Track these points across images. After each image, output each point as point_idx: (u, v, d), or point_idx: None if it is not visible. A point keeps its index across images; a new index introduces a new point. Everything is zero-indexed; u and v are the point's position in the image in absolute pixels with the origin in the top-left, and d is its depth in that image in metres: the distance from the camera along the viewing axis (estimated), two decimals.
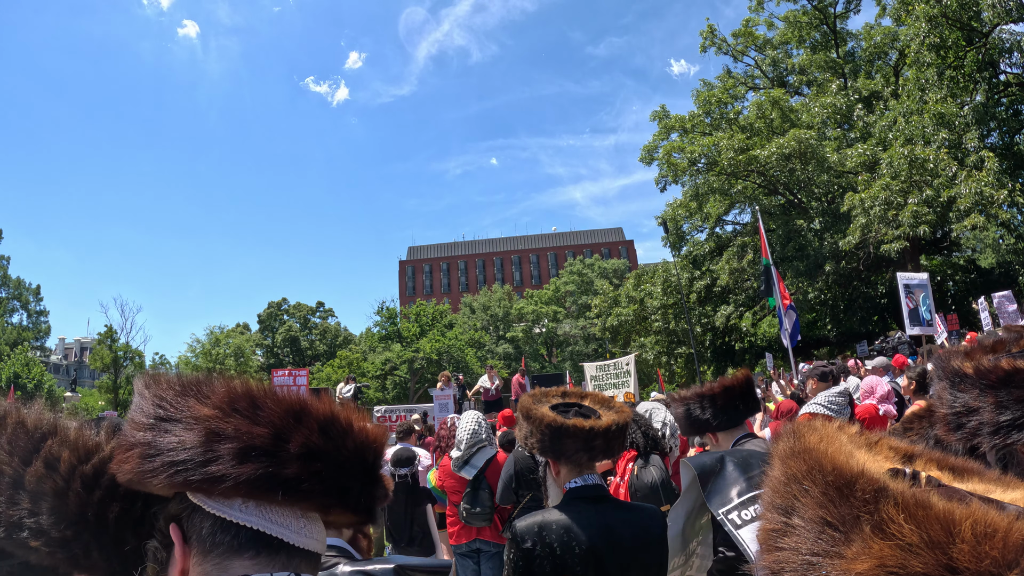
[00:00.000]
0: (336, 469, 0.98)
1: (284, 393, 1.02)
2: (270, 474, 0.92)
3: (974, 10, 21.72)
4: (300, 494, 0.94)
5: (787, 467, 0.76)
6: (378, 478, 1.06)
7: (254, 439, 0.93)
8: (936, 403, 1.36)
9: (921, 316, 13.56)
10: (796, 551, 0.68)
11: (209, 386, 0.99)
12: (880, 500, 0.64)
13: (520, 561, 2.25)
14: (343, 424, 1.02)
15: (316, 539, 1.01)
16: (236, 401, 0.97)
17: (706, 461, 2.68)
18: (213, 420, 0.94)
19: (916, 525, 0.61)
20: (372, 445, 1.05)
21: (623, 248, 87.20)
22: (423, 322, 49.98)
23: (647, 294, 33.43)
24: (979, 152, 21.28)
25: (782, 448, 0.80)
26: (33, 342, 55.11)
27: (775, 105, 28.42)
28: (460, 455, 5.39)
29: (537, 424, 2.39)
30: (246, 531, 0.94)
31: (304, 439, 0.96)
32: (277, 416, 0.96)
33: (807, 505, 0.70)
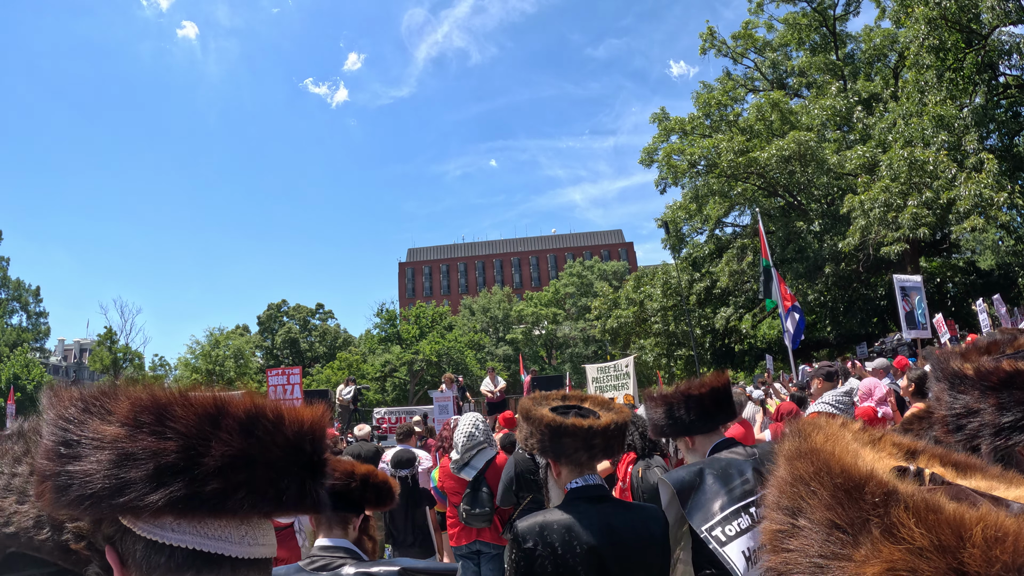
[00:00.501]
0: (267, 472, 0.89)
1: (198, 396, 0.92)
2: (189, 495, 0.84)
3: (973, 12, 21.73)
4: (228, 509, 0.86)
5: (794, 468, 0.75)
6: (321, 468, 0.97)
7: (165, 457, 0.85)
8: (935, 404, 1.35)
9: (917, 319, 13.60)
10: (803, 553, 0.68)
11: (113, 400, 0.89)
12: (890, 503, 0.64)
13: (522, 562, 2.25)
14: (270, 418, 0.93)
15: (263, 544, 0.94)
16: (141, 415, 0.87)
17: (684, 476, 2.60)
18: (119, 441, 0.85)
19: (927, 529, 0.61)
20: (308, 434, 0.96)
21: (623, 250, 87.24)
22: (423, 324, 49.98)
23: (647, 296, 33.44)
24: (978, 154, 21.29)
25: (788, 448, 0.79)
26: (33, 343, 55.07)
27: (775, 107, 28.45)
28: (458, 458, 5.39)
29: (536, 424, 2.41)
30: (181, 551, 0.88)
31: (224, 447, 0.87)
32: (189, 425, 0.87)
33: (815, 507, 0.69)
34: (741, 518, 2.45)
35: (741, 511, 2.46)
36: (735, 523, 2.43)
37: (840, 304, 27.39)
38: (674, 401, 2.84)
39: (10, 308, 54.50)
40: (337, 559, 2.13)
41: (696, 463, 2.66)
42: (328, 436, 1.06)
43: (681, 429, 2.86)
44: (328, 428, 1.04)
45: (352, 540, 2.25)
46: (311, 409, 0.99)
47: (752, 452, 2.66)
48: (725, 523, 2.42)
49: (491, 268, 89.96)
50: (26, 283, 56.59)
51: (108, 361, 41.71)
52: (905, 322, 13.70)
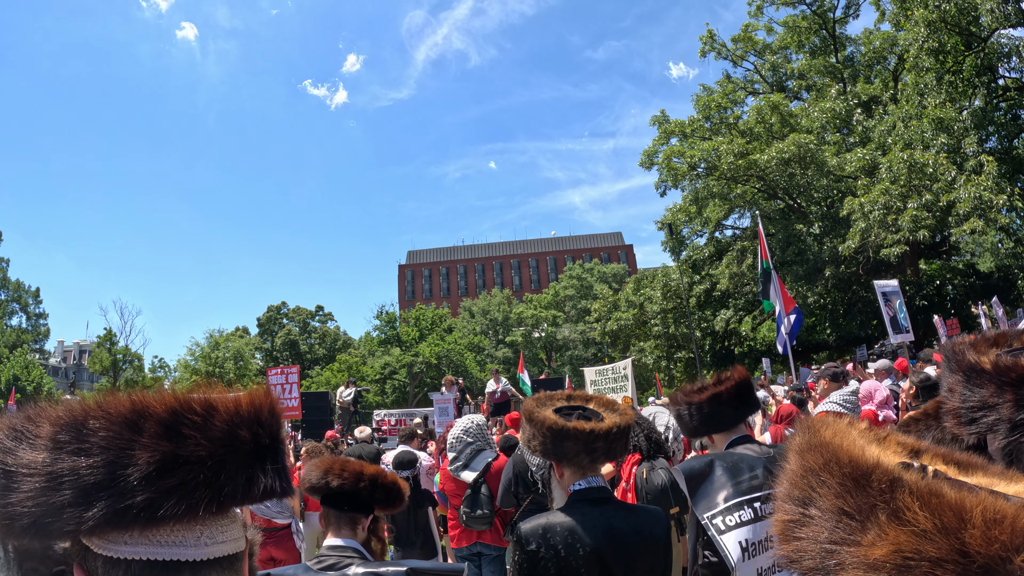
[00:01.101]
0: (200, 470, 0.84)
1: (115, 403, 0.87)
2: (118, 511, 0.80)
3: (973, 15, 21.78)
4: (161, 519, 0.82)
5: (804, 460, 0.79)
6: (268, 452, 0.91)
7: (88, 474, 0.81)
8: (947, 396, 1.35)
9: (900, 323, 13.70)
10: (814, 540, 0.72)
11: (36, 424, 0.86)
12: (895, 489, 0.68)
13: (524, 563, 2.26)
14: (198, 411, 0.88)
15: (223, 541, 0.90)
16: (60, 434, 0.84)
17: (695, 465, 2.66)
18: (45, 466, 0.82)
19: (930, 512, 0.64)
20: (247, 420, 0.90)
21: (622, 253, 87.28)
22: (422, 326, 49.99)
23: (647, 298, 33.46)
24: (978, 156, 21.33)
25: (798, 442, 0.82)
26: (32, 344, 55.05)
27: (775, 110, 28.48)
28: (453, 458, 5.42)
29: (539, 427, 2.42)
30: (137, 563, 0.84)
31: (148, 454, 0.83)
32: (110, 436, 0.83)
33: (824, 496, 0.73)
34: (744, 511, 2.51)
35: (745, 504, 2.53)
36: (736, 514, 2.48)
37: (840, 307, 27.41)
38: (694, 401, 2.86)
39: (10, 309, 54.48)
40: (345, 559, 2.14)
41: (709, 455, 2.72)
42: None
43: (703, 428, 2.90)
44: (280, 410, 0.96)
45: (361, 541, 2.26)
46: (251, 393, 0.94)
47: (767, 451, 2.73)
48: (727, 513, 2.48)
49: (491, 270, 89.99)
50: (26, 284, 56.59)
51: (108, 363, 41.71)
52: (890, 327, 13.82)
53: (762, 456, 2.66)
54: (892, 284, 14.39)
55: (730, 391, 2.82)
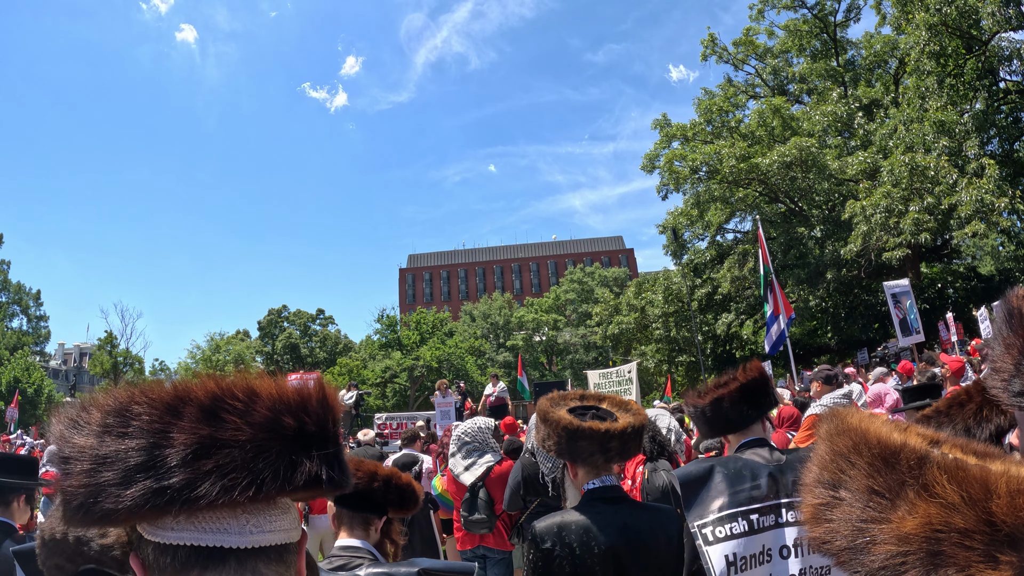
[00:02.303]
0: (240, 456, 0.86)
1: (158, 388, 0.91)
2: (156, 491, 0.82)
3: (973, 18, 21.82)
4: (197, 501, 0.83)
5: (833, 444, 0.81)
6: (312, 442, 0.91)
7: (130, 456, 0.84)
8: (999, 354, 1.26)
9: (911, 324, 13.62)
10: (845, 520, 0.74)
11: (87, 411, 0.89)
12: (924, 466, 0.71)
13: (539, 562, 2.25)
14: (241, 397, 0.89)
15: (270, 530, 0.90)
16: (107, 419, 0.87)
17: (692, 471, 2.56)
18: (92, 450, 0.86)
19: (957, 485, 0.67)
20: (290, 407, 0.91)
21: (623, 256, 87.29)
22: (423, 330, 50.00)
23: (648, 302, 33.46)
24: (979, 159, 21.34)
25: (826, 429, 0.85)
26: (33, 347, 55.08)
27: (776, 113, 28.51)
28: (455, 461, 5.41)
29: (554, 427, 2.42)
30: (183, 549, 0.86)
31: (186, 436, 0.85)
32: (150, 419, 0.86)
33: (854, 477, 0.76)
34: (737, 523, 2.42)
35: (740, 516, 2.43)
36: (728, 526, 2.40)
37: (841, 310, 27.41)
38: (704, 401, 2.76)
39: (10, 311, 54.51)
40: (356, 559, 2.13)
41: (711, 460, 2.62)
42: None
43: (714, 429, 2.80)
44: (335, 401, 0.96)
45: (373, 542, 2.25)
46: (299, 387, 0.95)
47: (778, 457, 2.59)
48: (719, 524, 2.41)
49: (491, 274, 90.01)
50: (27, 286, 56.66)
51: (108, 365, 41.70)
52: (900, 329, 13.75)
53: (770, 464, 2.54)
54: (903, 284, 14.28)
55: (737, 390, 2.70)
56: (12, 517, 3.17)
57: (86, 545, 1.55)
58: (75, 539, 1.55)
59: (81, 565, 1.42)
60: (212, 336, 55.93)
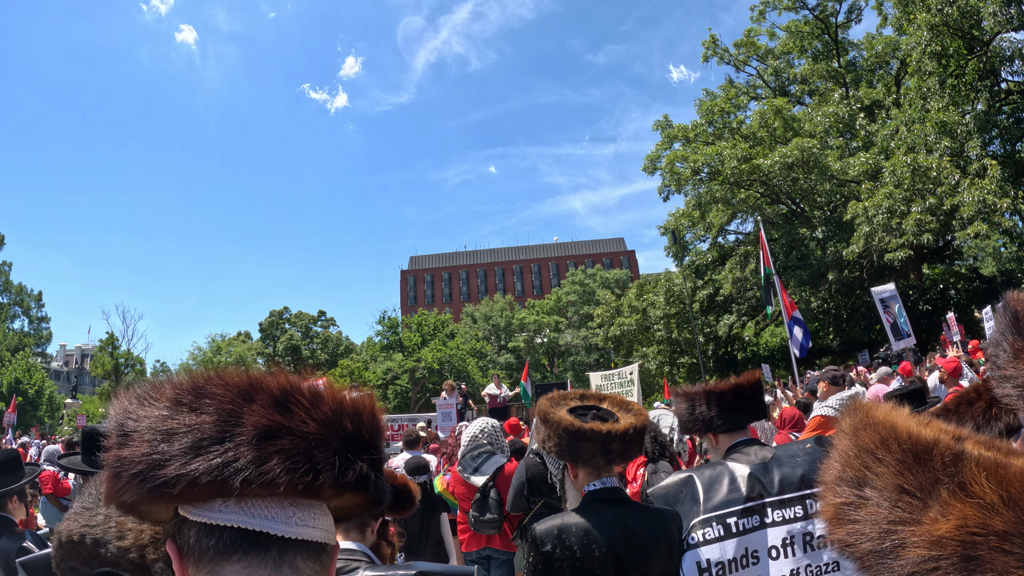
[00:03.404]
0: (301, 444, 0.91)
1: (233, 373, 0.97)
2: (225, 462, 0.86)
3: (975, 19, 21.80)
4: (263, 476, 0.87)
5: (858, 439, 0.76)
6: (363, 448, 0.98)
7: (203, 429, 0.89)
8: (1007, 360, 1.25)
9: (901, 328, 13.57)
10: (871, 521, 0.69)
11: (159, 388, 0.95)
12: (960, 463, 0.66)
13: (540, 564, 2.23)
14: (306, 394, 0.96)
15: (313, 526, 0.94)
16: (182, 395, 0.93)
17: (668, 487, 2.56)
18: (164, 421, 0.90)
19: (996, 484, 0.62)
20: (350, 412, 0.98)
21: (624, 258, 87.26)
22: (425, 332, 49.97)
23: (650, 304, 33.43)
24: (981, 160, 21.31)
25: (849, 423, 0.80)
26: (34, 348, 55.14)
27: (777, 114, 28.49)
28: (464, 462, 5.37)
29: (555, 428, 2.39)
30: (229, 531, 0.89)
31: (257, 418, 0.91)
32: (224, 400, 0.92)
33: (882, 475, 0.71)
34: (710, 528, 2.41)
35: (713, 521, 2.42)
36: (700, 532, 2.39)
37: (843, 311, 27.37)
38: (696, 397, 2.79)
39: (12, 313, 54.57)
40: (352, 562, 2.10)
41: (686, 472, 2.62)
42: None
43: (703, 426, 2.80)
44: (381, 417, 1.05)
45: (370, 545, 2.22)
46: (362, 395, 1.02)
47: (763, 456, 2.60)
48: (691, 532, 2.39)
49: (493, 276, 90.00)
50: (28, 288, 56.73)
51: (110, 367, 41.71)
52: (892, 333, 13.69)
53: (753, 463, 2.54)
54: (889, 289, 14.24)
55: (750, 389, 2.73)
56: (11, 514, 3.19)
57: (103, 547, 1.54)
58: (92, 541, 1.54)
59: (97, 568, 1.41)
60: (213, 337, 56.01)
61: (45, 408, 47.76)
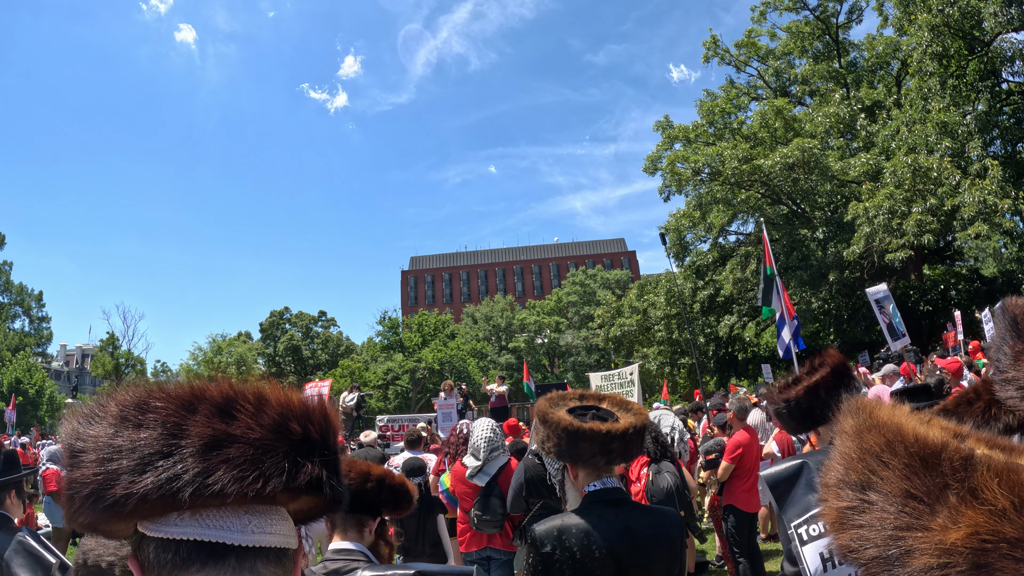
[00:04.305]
0: (247, 450, 0.90)
1: (176, 384, 0.96)
2: (171, 477, 0.86)
3: (976, 19, 21.78)
4: (211, 488, 0.87)
5: (862, 441, 0.74)
6: (315, 449, 0.96)
7: (148, 445, 0.88)
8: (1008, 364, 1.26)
9: (897, 329, 13.57)
10: (876, 527, 0.67)
11: (104, 405, 0.94)
12: (970, 467, 0.64)
13: (539, 566, 2.21)
14: (251, 400, 0.94)
15: (270, 532, 0.94)
16: (126, 411, 0.91)
17: (781, 471, 2.46)
18: (109, 439, 0.89)
19: (1009, 489, 0.60)
20: (297, 414, 0.96)
21: (625, 259, 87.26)
22: (425, 332, 49.97)
23: (650, 304, 33.41)
24: (982, 160, 21.29)
25: (852, 425, 0.78)
26: (35, 348, 55.16)
27: (778, 115, 28.47)
28: (478, 463, 5.31)
29: (553, 428, 2.36)
30: (185, 544, 0.89)
31: (200, 428, 0.90)
32: (167, 413, 0.91)
33: (888, 479, 0.69)
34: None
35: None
36: (821, 523, 2.25)
37: (844, 312, 27.35)
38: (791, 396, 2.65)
39: (12, 312, 54.59)
40: (351, 563, 2.09)
41: (799, 457, 2.53)
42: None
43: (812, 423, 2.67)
44: (334, 416, 1.03)
45: (368, 545, 2.21)
46: (310, 399, 1.01)
47: None
48: (812, 522, 2.31)
49: (493, 276, 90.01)
50: (29, 288, 56.76)
51: (110, 367, 41.72)
52: (888, 334, 13.68)
53: None
54: (882, 290, 14.25)
55: (827, 379, 2.60)
56: (9, 511, 3.18)
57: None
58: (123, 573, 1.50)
59: None
60: (214, 338, 55.98)
61: (46, 408, 47.78)
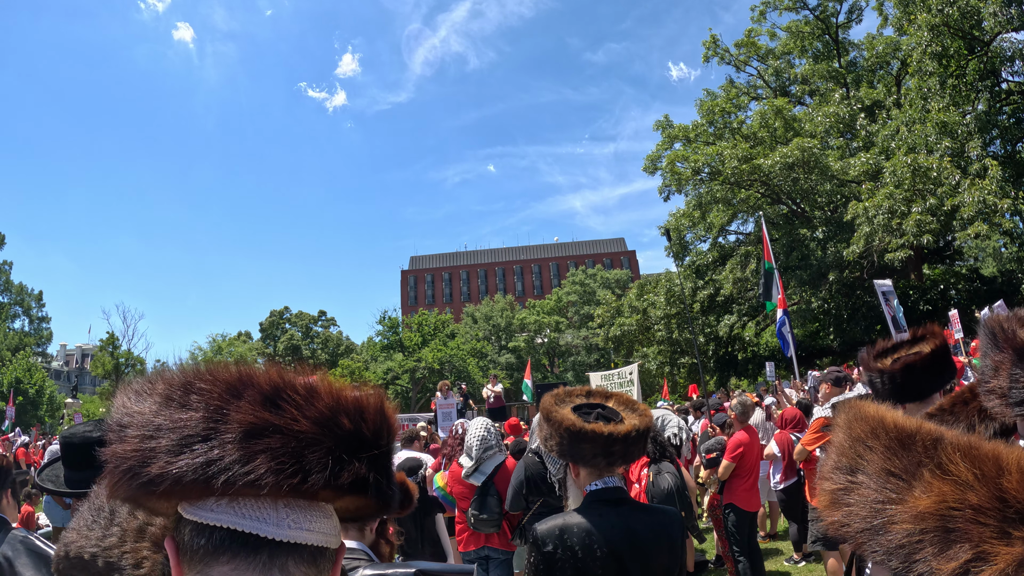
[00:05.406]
0: (291, 442, 0.87)
1: (223, 369, 0.93)
2: (208, 461, 0.84)
3: (975, 19, 21.79)
4: (246, 477, 0.84)
5: (851, 430, 0.84)
6: (364, 447, 0.93)
7: (188, 426, 0.86)
8: (989, 374, 1.33)
9: (900, 323, 13.68)
10: (862, 503, 0.77)
11: (152, 382, 0.93)
12: (938, 446, 0.74)
13: (541, 565, 2.22)
14: (300, 391, 0.92)
15: (308, 529, 0.90)
16: (171, 391, 0.91)
17: None
18: (152, 416, 0.88)
19: (971, 462, 0.70)
20: (349, 409, 0.93)
21: (625, 259, 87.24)
22: (425, 332, 49.97)
23: (650, 304, 33.41)
24: (982, 160, 21.29)
25: (843, 418, 0.88)
26: (35, 348, 55.12)
27: (778, 114, 28.47)
28: (472, 463, 5.32)
29: (556, 427, 2.36)
30: (219, 532, 0.87)
31: (243, 415, 0.87)
32: (213, 396, 0.89)
33: (871, 460, 0.79)
34: None
35: None
36: None
37: (844, 311, 27.35)
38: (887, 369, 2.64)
39: (12, 312, 54.57)
40: (352, 561, 2.09)
41: None
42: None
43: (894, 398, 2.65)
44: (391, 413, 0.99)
45: (368, 543, 2.21)
46: (360, 390, 0.98)
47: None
48: None
49: (493, 276, 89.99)
50: (28, 287, 56.73)
51: (110, 366, 41.69)
52: (893, 326, 13.79)
53: None
54: (888, 283, 14.48)
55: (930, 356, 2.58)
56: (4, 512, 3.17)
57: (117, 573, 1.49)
58: (106, 564, 1.47)
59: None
60: (214, 337, 55.99)
61: (46, 408, 47.75)
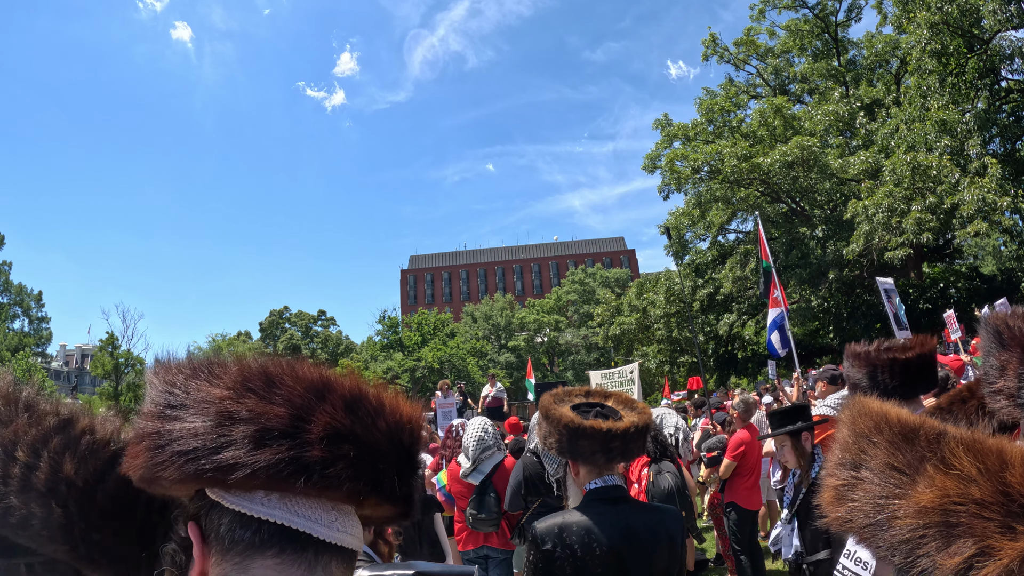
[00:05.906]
0: (367, 451, 0.89)
1: (304, 368, 0.93)
2: (291, 459, 0.83)
3: (975, 17, 21.78)
4: (327, 480, 0.85)
5: (855, 426, 0.84)
6: (415, 462, 0.97)
7: (271, 420, 0.85)
8: (993, 374, 1.32)
9: (901, 320, 13.69)
10: (866, 499, 0.76)
11: (221, 366, 0.91)
12: (942, 440, 0.74)
13: (540, 563, 2.21)
14: (373, 402, 0.93)
15: (350, 534, 0.92)
16: (250, 380, 0.89)
17: None
18: (225, 402, 0.86)
19: (974, 457, 0.70)
20: (407, 425, 0.95)
21: (624, 258, 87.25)
22: (425, 331, 49.98)
23: (650, 303, 33.41)
24: (981, 159, 21.29)
25: (848, 414, 0.88)
26: (34, 348, 55.07)
27: (777, 113, 28.45)
28: (469, 463, 5.31)
29: (555, 424, 2.37)
30: (268, 526, 0.86)
31: (328, 418, 0.87)
32: (296, 394, 0.88)
33: (875, 456, 0.78)
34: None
35: None
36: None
37: (843, 310, 27.34)
38: (879, 364, 2.69)
39: (12, 313, 54.54)
40: None
41: None
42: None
43: (882, 395, 2.69)
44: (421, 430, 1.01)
45: (368, 543, 2.20)
46: (414, 405, 0.99)
47: None
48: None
49: (493, 275, 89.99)
50: (28, 288, 56.65)
51: (110, 366, 41.68)
52: (895, 323, 13.79)
53: None
54: (889, 281, 14.49)
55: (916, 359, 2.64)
56: None
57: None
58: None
59: None
60: (213, 337, 55.99)
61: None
